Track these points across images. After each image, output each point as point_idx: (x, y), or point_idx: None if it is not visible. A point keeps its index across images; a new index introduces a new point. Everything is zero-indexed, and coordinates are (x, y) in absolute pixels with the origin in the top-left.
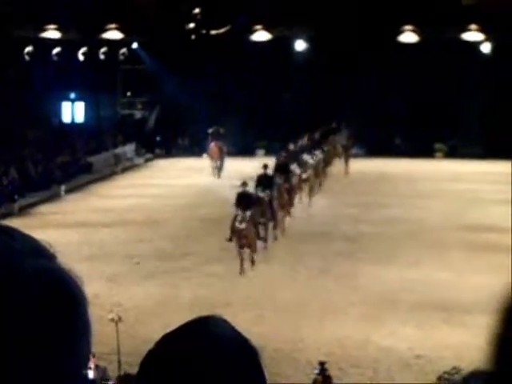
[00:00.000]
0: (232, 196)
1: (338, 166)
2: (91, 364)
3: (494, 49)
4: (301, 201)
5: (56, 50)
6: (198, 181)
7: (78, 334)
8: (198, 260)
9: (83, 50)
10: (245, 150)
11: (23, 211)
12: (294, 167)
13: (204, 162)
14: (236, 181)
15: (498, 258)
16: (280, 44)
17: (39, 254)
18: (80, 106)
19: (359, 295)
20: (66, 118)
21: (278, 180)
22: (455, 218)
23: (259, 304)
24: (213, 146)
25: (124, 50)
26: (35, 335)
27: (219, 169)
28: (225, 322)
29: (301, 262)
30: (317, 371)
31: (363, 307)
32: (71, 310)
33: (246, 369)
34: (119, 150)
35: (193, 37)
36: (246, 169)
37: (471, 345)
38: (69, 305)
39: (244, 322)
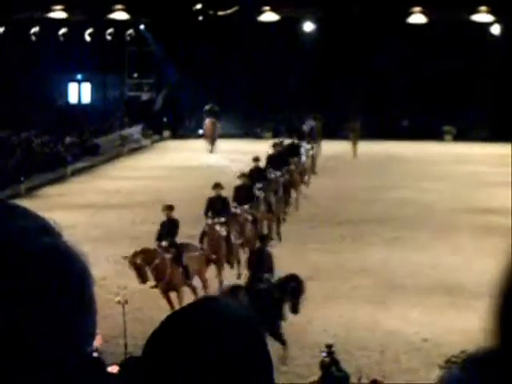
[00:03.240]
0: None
1: (346, 148)
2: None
3: (503, 31)
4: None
5: (62, 31)
6: (204, 162)
7: (83, 309)
8: None
9: (90, 30)
10: (251, 132)
11: (29, 193)
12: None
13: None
14: (242, 162)
15: (506, 241)
16: (288, 25)
17: (45, 231)
18: (86, 87)
19: (366, 278)
20: (73, 99)
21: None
22: (463, 200)
23: None
24: (207, 122)
25: (131, 30)
26: (41, 310)
27: (212, 144)
28: (229, 301)
29: (308, 244)
30: (324, 354)
31: (370, 290)
32: (77, 285)
33: (252, 348)
34: (126, 132)
35: (200, 18)
36: (252, 151)
37: (479, 328)
38: (74, 281)
39: None
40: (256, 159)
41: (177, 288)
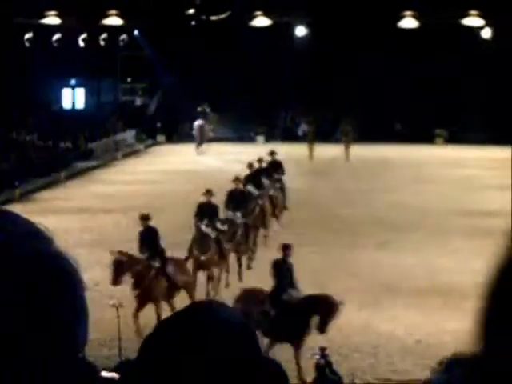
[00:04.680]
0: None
1: (338, 151)
2: None
3: (494, 34)
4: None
5: (56, 37)
6: (198, 167)
7: (74, 315)
8: None
9: (83, 36)
10: (245, 136)
11: (24, 197)
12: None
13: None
14: (237, 166)
15: (498, 243)
16: (280, 30)
17: (37, 237)
18: (80, 93)
19: (360, 281)
20: (67, 104)
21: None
22: (456, 203)
23: None
24: (196, 123)
25: (124, 36)
26: (33, 316)
27: (199, 145)
28: (223, 305)
29: (301, 248)
30: (317, 357)
31: (364, 293)
32: (68, 291)
33: (245, 351)
34: (120, 136)
35: (193, 23)
36: (246, 155)
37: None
38: (66, 287)
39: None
40: (207, 192)
41: (156, 301)
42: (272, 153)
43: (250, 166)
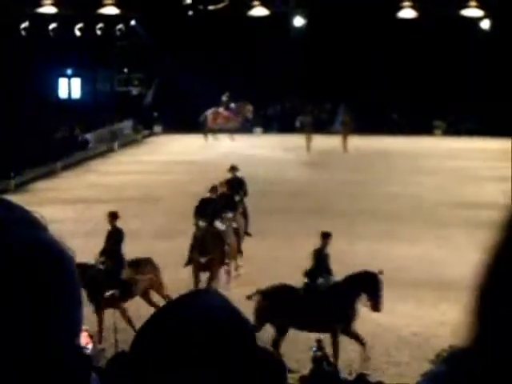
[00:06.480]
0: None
1: (336, 142)
2: (88, 343)
3: (493, 25)
4: None
5: (52, 26)
6: (195, 157)
7: (68, 303)
8: None
9: (80, 25)
10: (242, 127)
11: (19, 188)
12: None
13: (201, 139)
14: (234, 157)
15: (494, 234)
16: (278, 20)
17: (32, 224)
18: (76, 82)
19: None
20: (63, 94)
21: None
22: (454, 194)
23: (256, 280)
24: (209, 111)
25: (121, 25)
26: (32, 302)
27: (210, 133)
28: (219, 295)
29: (298, 238)
30: (314, 348)
31: None
32: (63, 279)
33: (240, 340)
34: (116, 127)
35: (190, 12)
36: (243, 146)
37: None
38: (61, 274)
39: (240, 298)
40: (232, 169)
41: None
42: (232, 168)
43: (213, 189)
